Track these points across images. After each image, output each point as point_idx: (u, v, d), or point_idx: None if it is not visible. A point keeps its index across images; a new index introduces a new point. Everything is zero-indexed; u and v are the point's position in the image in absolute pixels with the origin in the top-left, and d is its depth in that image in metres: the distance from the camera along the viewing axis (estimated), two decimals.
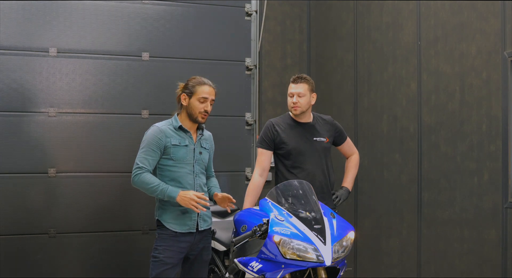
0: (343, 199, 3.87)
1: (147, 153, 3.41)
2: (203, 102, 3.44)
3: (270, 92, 5.52)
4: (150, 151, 3.41)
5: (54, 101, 4.60)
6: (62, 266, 4.59)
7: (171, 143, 3.42)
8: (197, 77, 3.54)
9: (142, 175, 3.37)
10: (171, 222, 3.41)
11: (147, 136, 3.45)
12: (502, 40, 3.57)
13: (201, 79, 3.51)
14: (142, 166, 3.39)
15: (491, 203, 3.64)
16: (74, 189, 4.61)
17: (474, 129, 3.77)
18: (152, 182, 3.35)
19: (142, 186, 3.39)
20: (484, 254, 3.70)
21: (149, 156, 3.40)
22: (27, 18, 4.55)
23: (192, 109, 3.45)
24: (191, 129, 3.52)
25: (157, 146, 3.41)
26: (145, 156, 3.40)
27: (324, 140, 3.85)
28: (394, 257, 4.50)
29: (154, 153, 3.41)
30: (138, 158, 3.42)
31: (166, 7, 4.92)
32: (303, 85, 3.77)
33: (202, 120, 3.47)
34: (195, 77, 3.55)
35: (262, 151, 3.85)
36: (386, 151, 4.57)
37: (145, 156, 3.40)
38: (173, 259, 3.38)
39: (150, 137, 3.43)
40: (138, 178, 3.38)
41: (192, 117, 3.46)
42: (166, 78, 4.83)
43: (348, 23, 5.10)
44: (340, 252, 3.00)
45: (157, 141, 3.41)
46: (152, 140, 3.42)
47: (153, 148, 3.41)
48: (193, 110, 3.45)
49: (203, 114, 3.46)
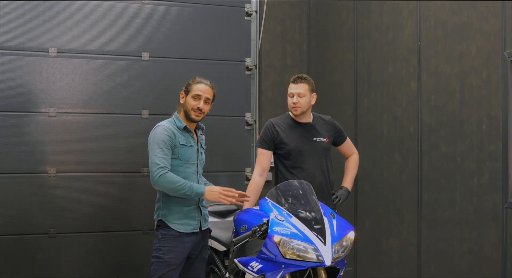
0: (343, 199, 3.88)
1: (163, 152, 3.34)
2: (196, 99, 3.45)
3: (270, 92, 5.52)
4: (166, 150, 3.35)
5: (54, 101, 4.60)
6: (62, 266, 4.59)
7: (180, 143, 3.41)
8: (196, 77, 3.55)
9: (166, 174, 3.29)
10: (176, 222, 3.40)
11: (157, 136, 3.38)
12: (502, 40, 3.56)
13: (199, 78, 3.53)
14: (164, 166, 3.31)
15: (491, 203, 3.64)
16: (74, 189, 4.60)
17: (474, 129, 3.76)
18: (178, 180, 3.31)
19: (168, 185, 3.30)
20: (484, 254, 3.70)
21: (166, 155, 3.35)
22: (27, 18, 4.55)
23: (186, 107, 3.46)
24: (192, 129, 3.53)
25: (170, 144, 3.37)
26: (162, 155, 3.34)
27: (324, 140, 3.85)
28: (394, 257, 4.50)
29: (169, 151, 3.37)
30: (157, 158, 3.32)
31: (166, 7, 4.92)
32: (303, 85, 3.77)
33: (195, 118, 3.45)
34: (195, 77, 3.56)
35: (262, 151, 3.85)
36: (386, 151, 4.57)
37: (163, 155, 3.34)
38: (178, 260, 3.39)
39: (162, 136, 3.37)
40: (164, 177, 3.29)
41: (187, 114, 3.46)
42: (166, 78, 4.84)
43: (348, 23, 5.10)
44: (340, 252, 3.00)
45: (169, 139, 3.37)
46: (165, 138, 3.37)
47: (166, 146, 3.36)
48: (187, 108, 3.46)
49: (197, 112, 3.44)
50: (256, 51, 5.27)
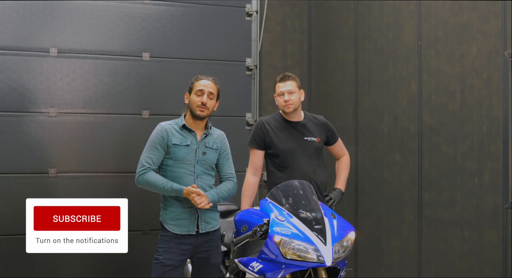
0: (337, 201, 3.85)
1: (150, 151, 3.40)
2: (199, 95, 3.44)
3: (270, 92, 5.51)
4: (154, 150, 3.40)
5: (55, 102, 4.60)
6: (62, 266, 4.59)
7: (172, 142, 3.40)
8: (199, 76, 3.54)
9: (146, 174, 3.35)
10: (170, 223, 3.38)
11: (151, 136, 3.47)
12: (503, 41, 3.56)
13: (201, 76, 3.53)
14: (145, 165, 3.37)
15: (492, 204, 3.64)
16: (74, 189, 4.61)
17: (474, 129, 3.76)
18: (158, 179, 3.34)
19: (147, 185, 3.36)
20: (484, 255, 3.69)
21: (153, 155, 3.39)
22: (28, 19, 4.55)
23: (191, 105, 3.46)
24: (197, 128, 3.48)
25: (160, 144, 3.40)
26: (149, 154, 3.40)
27: (315, 140, 3.83)
28: (394, 257, 4.50)
29: (157, 151, 3.39)
30: (142, 157, 3.41)
31: (167, 7, 4.92)
32: (291, 82, 3.78)
33: (200, 113, 3.42)
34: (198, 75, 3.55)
35: (253, 150, 3.84)
36: (387, 151, 4.57)
37: (149, 154, 3.40)
38: (174, 261, 3.34)
39: (153, 135, 3.44)
40: (142, 177, 3.36)
41: (193, 112, 3.45)
42: (166, 78, 4.84)
43: (348, 23, 5.09)
44: (341, 252, 3.00)
45: (159, 139, 3.40)
46: (155, 138, 3.42)
47: (156, 146, 3.40)
48: (192, 106, 3.45)
49: (201, 108, 3.42)
50: (256, 51, 5.27)
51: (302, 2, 5.63)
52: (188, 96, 3.49)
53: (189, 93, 3.49)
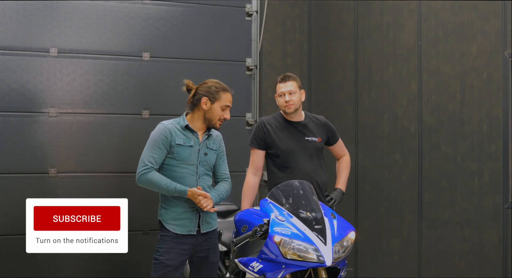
0: (338, 201, 3.85)
1: (153, 150, 3.34)
2: (224, 110, 3.42)
3: (270, 92, 5.51)
4: (157, 149, 3.34)
5: (55, 102, 4.60)
6: (62, 266, 4.60)
7: (176, 142, 3.36)
8: (219, 82, 3.46)
9: (149, 173, 3.31)
10: (171, 223, 3.36)
11: (153, 134, 3.39)
12: (503, 41, 3.56)
13: (224, 85, 3.46)
14: (148, 164, 3.31)
15: (492, 203, 3.64)
16: (74, 189, 4.61)
17: (474, 129, 3.76)
18: (161, 179, 3.30)
19: (149, 184, 3.32)
20: (484, 255, 3.69)
21: (155, 154, 3.34)
22: (28, 18, 4.56)
23: (212, 115, 3.40)
24: (201, 130, 3.45)
25: (163, 143, 3.34)
26: (151, 153, 3.34)
27: (316, 140, 3.84)
28: (394, 257, 4.50)
29: (160, 150, 3.34)
30: (144, 156, 3.34)
31: (167, 7, 4.92)
32: (292, 83, 3.78)
33: (219, 127, 3.44)
34: (217, 81, 3.47)
35: (254, 150, 3.85)
36: (387, 151, 4.57)
37: (151, 153, 3.34)
38: (175, 261, 3.33)
39: (157, 135, 3.37)
40: (145, 176, 3.31)
41: (211, 122, 3.41)
42: (166, 78, 4.84)
43: (348, 23, 5.09)
44: (341, 252, 3.00)
45: (163, 138, 3.35)
46: (158, 137, 3.35)
47: (159, 145, 3.34)
48: (213, 116, 3.40)
49: (222, 121, 3.43)
50: (256, 51, 5.27)
51: (302, 2, 5.63)
52: (208, 104, 3.40)
53: (210, 101, 3.40)
